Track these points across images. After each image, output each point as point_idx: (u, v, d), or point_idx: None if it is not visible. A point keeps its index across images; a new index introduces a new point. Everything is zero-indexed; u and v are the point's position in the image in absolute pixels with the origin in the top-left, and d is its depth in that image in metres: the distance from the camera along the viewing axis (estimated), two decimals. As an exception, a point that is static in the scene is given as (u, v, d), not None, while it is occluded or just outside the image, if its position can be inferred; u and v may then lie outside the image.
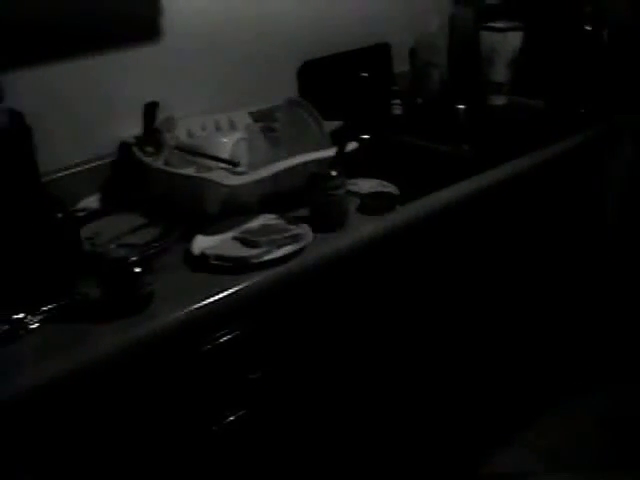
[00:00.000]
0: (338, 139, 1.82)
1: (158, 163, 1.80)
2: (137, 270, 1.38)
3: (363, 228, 1.74)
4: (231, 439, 1.60)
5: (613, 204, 2.48)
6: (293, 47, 2.27)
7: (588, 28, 2.48)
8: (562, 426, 2.53)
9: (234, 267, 1.55)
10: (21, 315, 1.37)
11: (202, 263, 1.57)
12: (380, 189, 1.92)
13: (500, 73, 2.51)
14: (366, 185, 1.92)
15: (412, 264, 1.88)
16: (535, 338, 2.39)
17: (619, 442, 2.50)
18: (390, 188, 1.92)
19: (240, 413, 1.59)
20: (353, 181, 1.87)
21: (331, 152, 1.76)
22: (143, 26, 1.95)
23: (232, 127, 2.04)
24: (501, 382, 2.31)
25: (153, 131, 1.83)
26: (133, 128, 1.90)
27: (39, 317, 1.39)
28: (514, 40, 2.51)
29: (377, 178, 1.96)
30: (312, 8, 2.29)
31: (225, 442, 1.59)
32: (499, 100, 2.52)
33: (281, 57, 2.25)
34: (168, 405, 1.47)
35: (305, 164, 1.73)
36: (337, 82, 2.33)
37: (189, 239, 1.64)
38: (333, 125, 1.96)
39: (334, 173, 1.69)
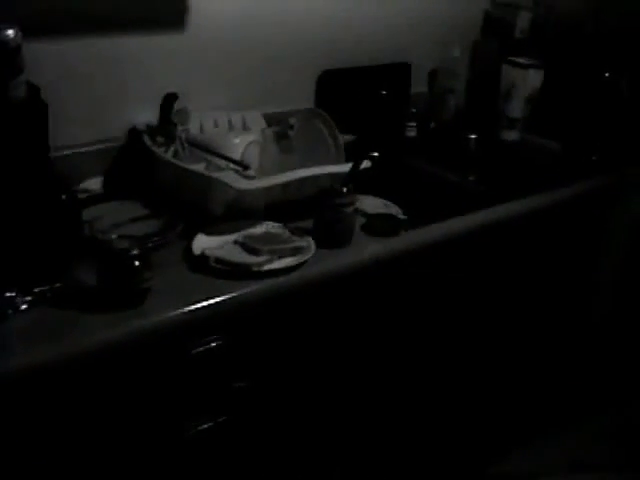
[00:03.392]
0: (353, 155, 1.79)
1: (168, 155, 1.77)
2: (138, 264, 1.35)
3: (367, 249, 1.72)
4: (205, 446, 1.56)
5: (611, 257, 2.49)
6: (315, 54, 2.25)
7: (607, 75, 2.48)
8: (579, 430, 2.55)
9: (233, 272, 1.52)
10: (12, 294, 1.33)
11: (201, 263, 1.53)
12: (383, 209, 1.90)
13: (516, 109, 2.49)
14: (369, 203, 1.90)
15: (411, 290, 1.86)
16: (551, 349, 2.43)
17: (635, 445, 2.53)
18: (393, 209, 1.90)
19: (219, 420, 1.56)
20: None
21: (346, 168, 1.73)
22: (169, 14, 1.92)
23: (245, 128, 2.01)
24: (517, 389, 2.35)
25: (168, 122, 1.80)
26: (145, 115, 1.87)
27: (30, 298, 1.35)
28: (535, 78, 2.50)
29: (380, 197, 1.95)
30: (337, 18, 2.27)
31: (198, 448, 1.55)
32: (512, 135, 2.50)
33: (301, 63, 2.23)
34: (148, 404, 1.44)
35: (318, 176, 1.70)
36: (354, 95, 2.31)
37: (190, 236, 1.61)
38: (346, 139, 1.93)
39: (345, 190, 1.67)
